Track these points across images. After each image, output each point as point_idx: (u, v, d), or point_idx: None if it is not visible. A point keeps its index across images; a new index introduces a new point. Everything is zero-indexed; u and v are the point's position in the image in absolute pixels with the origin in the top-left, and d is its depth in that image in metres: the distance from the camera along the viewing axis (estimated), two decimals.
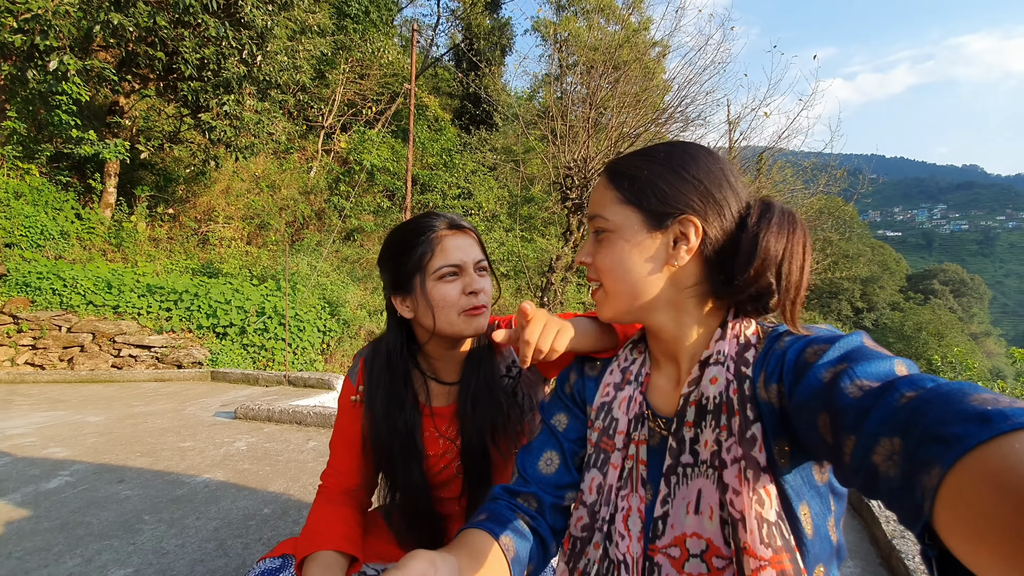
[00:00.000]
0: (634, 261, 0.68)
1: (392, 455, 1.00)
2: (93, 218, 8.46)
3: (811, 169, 9.34)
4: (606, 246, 0.70)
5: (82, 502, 2.14)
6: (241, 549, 1.75)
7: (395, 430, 0.99)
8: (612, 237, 0.69)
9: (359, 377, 1.06)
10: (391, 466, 1.01)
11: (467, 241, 0.97)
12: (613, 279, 0.69)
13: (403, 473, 1.00)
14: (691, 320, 0.69)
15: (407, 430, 0.99)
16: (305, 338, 7.89)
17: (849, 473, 0.46)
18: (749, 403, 0.60)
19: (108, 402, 4.23)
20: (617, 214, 0.69)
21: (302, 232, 11.87)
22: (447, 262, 0.93)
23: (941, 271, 64.80)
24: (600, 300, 0.74)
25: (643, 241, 0.67)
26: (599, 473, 0.73)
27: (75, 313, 6.55)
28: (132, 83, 8.27)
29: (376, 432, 1.00)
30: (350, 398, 1.06)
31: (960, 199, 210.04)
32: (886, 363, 0.48)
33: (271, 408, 3.50)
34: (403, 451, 0.99)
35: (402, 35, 19.81)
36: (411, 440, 1.00)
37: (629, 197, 0.68)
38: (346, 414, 1.06)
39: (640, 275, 0.68)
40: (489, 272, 1.00)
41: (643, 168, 0.69)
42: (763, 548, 0.56)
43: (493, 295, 1.02)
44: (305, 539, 0.92)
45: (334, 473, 1.06)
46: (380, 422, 0.99)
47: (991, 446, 0.33)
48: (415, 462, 1.00)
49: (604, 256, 0.70)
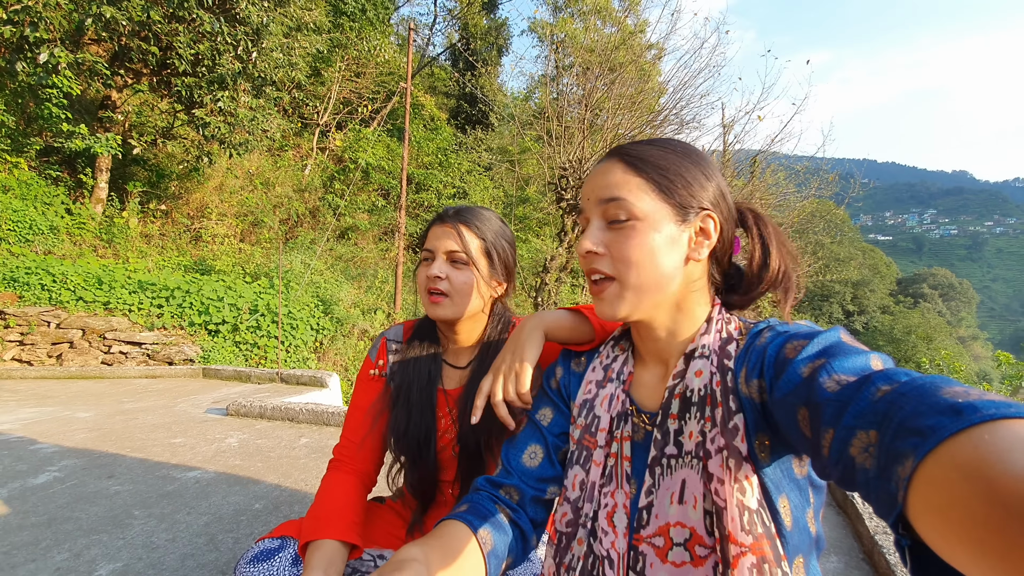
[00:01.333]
0: (664, 254, 0.66)
1: (409, 398, 1.07)
2: (84, 213, 8.37)
3: (804, 173, 9.42)
4: (631, 236, 0.65)
5: (71, 497, 2.12)
6: (232, 544, 1.75)
7: (419, 374, 1.09)
8: (640, 227, 0.65)
9: (379, 352, 1.15)
10: (406, 409, 1.07)
11: (446, 231, 1.04)
12: (639, 271, 0.66)
13: (416, 416, 1.06)
14: (687, 316, 0.70)
15: (429, 377, 1.09)
16: (298, 336, 7.85)
17: (828, 466, 0.47)
18: (731, 395, 0.62)
19: (98, 398, 4.19)
20: (645, 202, 0.66)
21: (296, 230, 11.80)
22: (425, 247, 1.06)
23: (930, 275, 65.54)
24: (611, 295, 0.68)
25: (672, 234, 0.66)
26: (582, 470, 0.73)
27: (64, 309, 6.48)
28: (125, 77, 8.19)
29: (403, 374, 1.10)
30: (369, 372, 1.14)
31: (950, 204, 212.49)
32: (862, 358, 0.50)
33: (263, 405, 3.48)
34: (420, 394, 1.07)
35: (398, 34, 19.78)
36: (430, 387, 1.09)
37: (661, 186, 0.66)
38: (363, 386, 1.14)
39: (668, 269, 0.66)
40: (474, 266, 1.03)
41: (667, 157, 0.68)
42: (744, 535, 0.57)
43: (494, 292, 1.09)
44: (312, 521, 0.95)
45: (347, 444, 1.11)
46: (409, 366, 1.10)
47: (961, 437, 0.34)
48: (428, 408, 1.08)
49: (630, 247, 0.65)
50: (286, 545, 0.92)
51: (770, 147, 8.87)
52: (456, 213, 1.06)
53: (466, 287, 1.02)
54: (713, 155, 9.74)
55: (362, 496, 1.06)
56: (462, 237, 1.02)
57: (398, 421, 1.07)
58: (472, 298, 1.03)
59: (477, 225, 1.05)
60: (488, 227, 1.06)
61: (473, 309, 1.05)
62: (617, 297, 0.68)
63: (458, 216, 1.05)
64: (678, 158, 0.68)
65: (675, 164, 0.68)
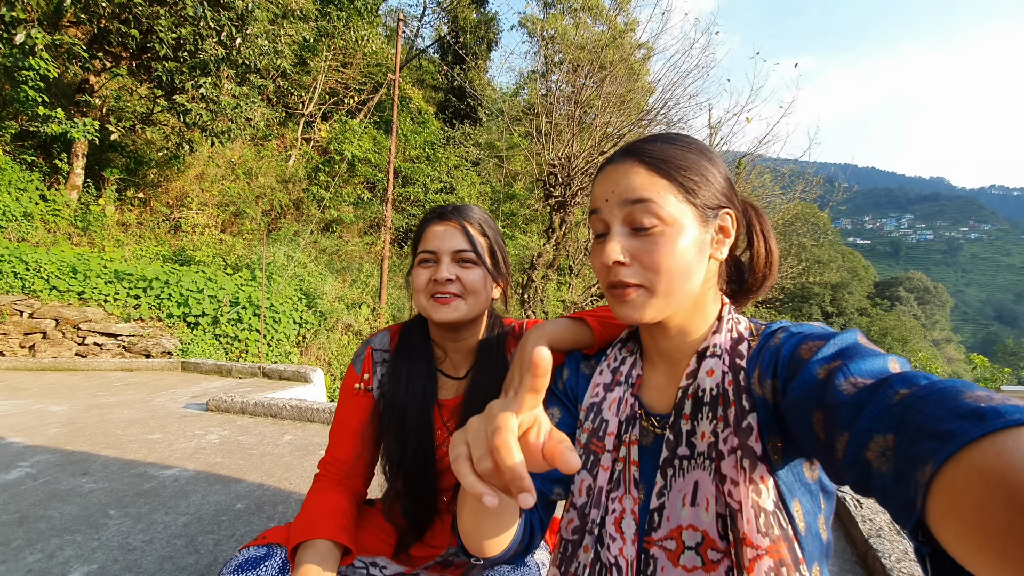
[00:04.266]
0: (693, 258, 0.64)
1: (405, 423, 1.00)
2: (59, 200, 8.13)
3: (789, 175, 9.55)
4: (661, 243, 0.63)
5: (43, 495, 2.05)
6: (212, 545, 1.70)
7: (414, 395, 1.01)
8: (670, 232, 0.63)
9: (364, 364, 1.08)
10: (402, 435, 1.01)
11: (449, 230, 0.98)
12: (670, 279, 0.63)
13: (413, 443, 1.00)
14: (700, 313, 0.69)
15: (425, 397, 1.02)
16: (280, 329, 7.73)
17: (842, 469, 0.46)
18: (744, 394, 0.61)
19: (71, 391, 4.08)
20: (672, 205, 0.63)
21: (279, 221, 11.61)
22: (424, 248, 0.99)
23: (907, 279, 67.17)
24: (637, 301, 0.65)
25: (697, 236, 0.64)
26: (589, 475, 0.72)
27: (38, 298, 6.29)
28: (104, 61, 7.95)
29: (395, 393, 1.02)
30: (354, 386, 1.07)
31: (927, 210, 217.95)
32: (880, 360, 0.49)
33: (245, 400, 3.42)
34: (417, 417, 1.01)
35: (387, 25, 19.51)
36: (427, 408, 1.02)
37: (686, 188, 0.64)
38: (348, 402, 1.07)
39: (697, 272, 0.65)
40: (482, 263, 0.99)
41: (687, 158, 0.66)
42: (760, 537, 0.56)
43: (493, 293, 1.05)
44: (300, 525, 0.91)
45: (333, 461, 1.06)
46: (401, 383, 1.02)
47: (984, 442, 0.33)
48: (426, 431, 1.01)
49: (662, 255, 0.63)
50: (273, 553, 0.88)
51: (757, 149, 8.98)
52: (456, 210, 1.02)
53: (478, 286, 0.98)
54: None
55: (352, 505, 1.02)
56: (470, 235, 0.99)
57: (393, 449, 1.01)
58: (483, 298, 1.00)
59: (480, 223, 1.02)
60: (488, 225, 1.04)
61: (482, 309, 1.01)
62: (644, 304, 0.65)
63: (460, 214, 1.01)
64: (696, 156, 0.66)
65: (695, 163, 0.66)
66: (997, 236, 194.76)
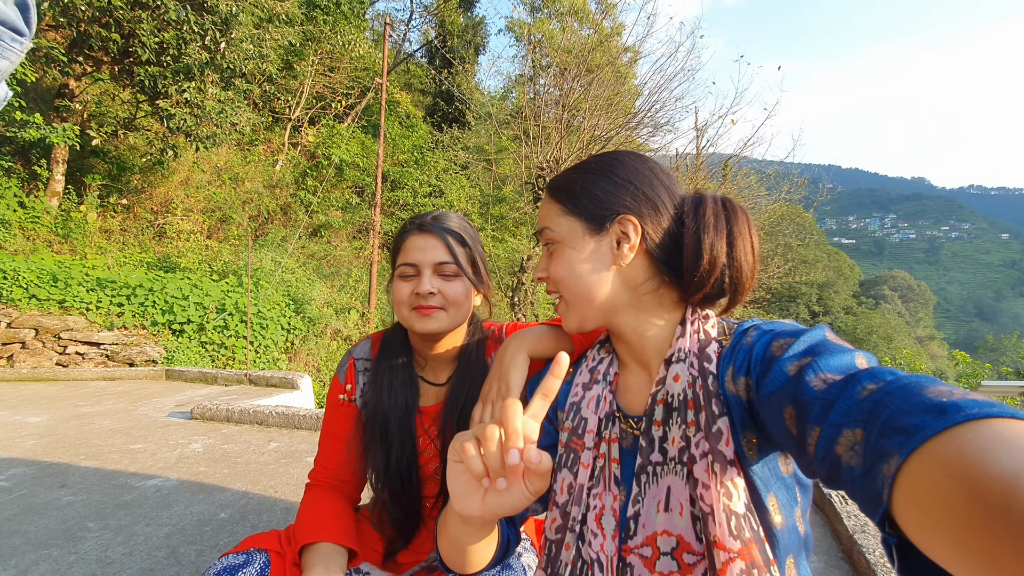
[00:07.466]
0: (582, 266, 0.70)
1: (388, 431, 1.01)
2: (38, 207, 7.96)
3: (774, 177, 9.65)
4: (556, 257, 0.73)
5: (18, 508, 1.99)
6: (195, 557, 1.66)
7: (395, 404, 1.02)
8: (560, 247, 0.72)
9: (347, 375, 1.08)
10: (385, 444, 1.01)
11: (429, 242, 0.97)
12: (567, 287, 0.72)
13: (396, 452, 1.00)
14: (652, 318, 0.71)
15: (406, 405, 1.02)
16: (268, 336, 7.63)
17: (814, 464, 0.47)
18: (714, 398, 0.61)
19: (51, 402, 3.98)
20: (561, 225, 0.72)
21: (266, 227, 11.49)
22: (404, 261, 0.98)
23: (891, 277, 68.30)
24: (563, 311, 0.75)
25: (588, 246, 0.70)
26: (569, 473, 0.73)
27: (16, 307, 6.15)
28: (84, 65, 7.81)
29: (377, 402, 1.02)
30: (338, 396, 1.08)
31: (909, 210, 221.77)
32: (848, 356, 0.51)
33: (230, 408, 3.36)
34: (400, 426, 1.01)
35: (374, 29, 19.49)
36: (408, 416, 1.02)
37: (570, 207, 0.72)
38: (335, 413, 1.08)
39: (591, 279, 0.70)
40: (463, 275, 0.99)
41: (578, 179, 0.73)
42: (732, 540, 0.57)
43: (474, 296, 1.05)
44: (304, 528, 0.92)
45: (322, 471, 1.07)
46: (383, 392, 1.02)
47: (945, 436, 0.35)
48: (408, 439, 1.01)
49: (556, 266, 0.72)
50: (252, 560, 0.87)
51: (742, 151, 9.05)
52: (435, 220, 1.00)
53: (460, 298, 0.98)
54: (686, 158, 9.90)
55: (351, 509, 1.03)
56: (450, 247, 0.98)
57: (377, 458, 1.01)
58: (465, 308, 1.00)
59: (459, 233, 1.00)
60: (467, 234, 1.02)
61: (463, 319, 1.02)
62: (564, 312, 0.75)
63: (439, 224, 0.99)
64: (589, 175, 0.72)
65: (583, 182, 0.72)
66: (976, 235, 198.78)
